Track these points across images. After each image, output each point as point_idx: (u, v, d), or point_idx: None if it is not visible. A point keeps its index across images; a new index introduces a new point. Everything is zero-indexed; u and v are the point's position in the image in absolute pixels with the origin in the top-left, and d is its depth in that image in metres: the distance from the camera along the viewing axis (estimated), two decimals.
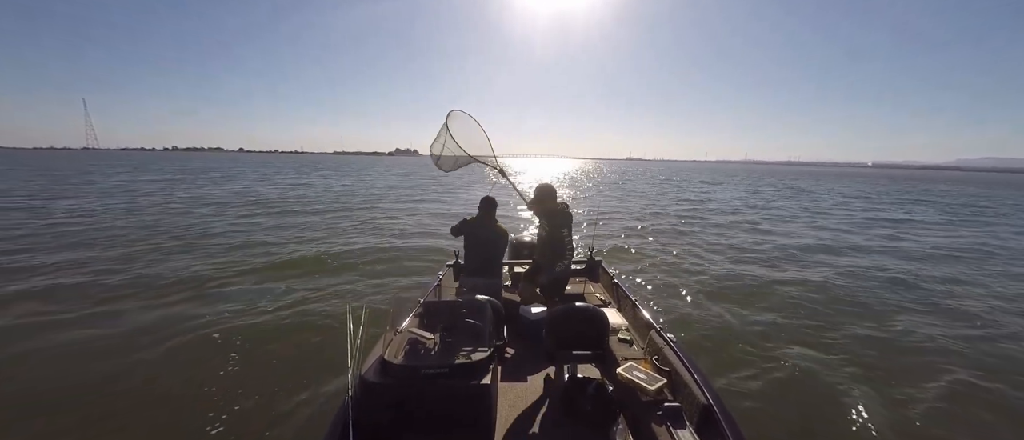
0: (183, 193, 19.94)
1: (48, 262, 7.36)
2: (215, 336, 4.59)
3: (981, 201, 27.67)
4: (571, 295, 3.98)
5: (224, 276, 6.80)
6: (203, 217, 12.88)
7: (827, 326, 5.36)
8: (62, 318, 5.01)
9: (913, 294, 6.80)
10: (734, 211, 18.14)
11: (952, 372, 4.28)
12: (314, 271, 7.26)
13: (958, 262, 9.31)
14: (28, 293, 5.87)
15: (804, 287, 7.00)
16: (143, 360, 4.13)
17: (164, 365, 4.07)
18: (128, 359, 4.13)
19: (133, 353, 4.24)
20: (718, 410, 2.05)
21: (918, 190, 38.31)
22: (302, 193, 21.69)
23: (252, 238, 9.85)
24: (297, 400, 3.52)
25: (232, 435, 3.12)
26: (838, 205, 21.83)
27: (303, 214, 14.33)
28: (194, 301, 5.68)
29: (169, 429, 3.21)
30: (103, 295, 5.82)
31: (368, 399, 2.02)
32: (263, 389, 3.65)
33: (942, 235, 13.19)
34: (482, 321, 2.41)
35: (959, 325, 5.55)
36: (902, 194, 31.66)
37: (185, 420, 3.28)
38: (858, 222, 15.45)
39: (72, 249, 8.37)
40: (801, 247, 10.47)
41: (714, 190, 31.40)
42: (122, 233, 10.04)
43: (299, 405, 3.46)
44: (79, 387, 3.66)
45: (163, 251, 8.38)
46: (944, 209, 21.27)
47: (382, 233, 11.13)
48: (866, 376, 4.16)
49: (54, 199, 16.10)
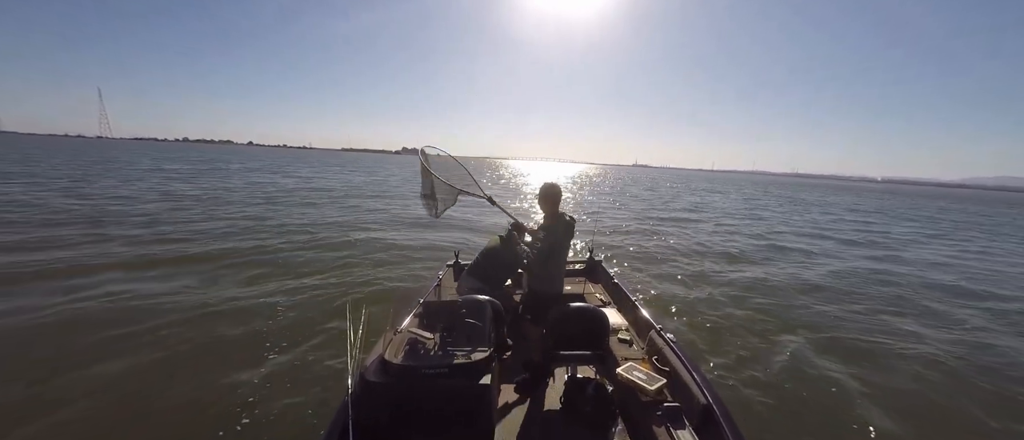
0: (253, 187, 20.06)
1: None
2: (215, 336, 4.59)
3: (976, 218, 27.48)
4: (571, 295, 3.98)
5: (223, 271, 6.80)
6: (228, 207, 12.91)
7: (826, 326, 5.37)
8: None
9: (908, 296, 6.82)
10: (738, 215, 18.16)
11: (953, 371, 4.29)
12: (317, 270, 7.26)
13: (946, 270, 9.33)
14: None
15: (801, 287, 7.01)
16: (140, 356, 4.13)
17: (163, 364, 4.07)
18: (126, 358, 4.13)
19: (129, 347, 4.24)
20: (718, 410, 2.06)
21: (907, 205, 38.05)
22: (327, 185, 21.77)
23: (249, 229, 9.85)
24: (297, 399, 3.51)
25: (232, 434, 3.12)
26: (830, 216, 21.82)
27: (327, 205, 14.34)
28: (193, 299, 5.67)
29: (169, 429, 3.21)
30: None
31: (368, 398, 2.02)
32: (263, 388, 3.64)
33: (930, 250, 13.23)
34: (482, 321, 2.42)
35: (957, 329, 5.55)
36: (889, 209, 31.31)
37: (185, 420, 3.28)
38: (849, 229, 15.53)
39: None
40: (803, 252, 10.49)
41: (714, 198, 31.41)
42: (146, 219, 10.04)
43: (299, 404, 3.45)
44: (66, 388, 3.65)
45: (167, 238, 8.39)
46: (933, 224, 21.17)
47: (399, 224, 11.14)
48: (866, 376, 4.16)
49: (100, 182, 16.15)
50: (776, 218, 18.53)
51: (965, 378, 4.24)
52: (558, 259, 2.93)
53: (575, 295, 4.02)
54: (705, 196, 31.49)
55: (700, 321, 5.43)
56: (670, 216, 17.22)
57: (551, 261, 2.88)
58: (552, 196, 2.91)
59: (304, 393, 3.60)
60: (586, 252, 4.82)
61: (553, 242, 2.83)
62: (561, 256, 2.95)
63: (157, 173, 25.06)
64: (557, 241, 2.84)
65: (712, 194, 34.09)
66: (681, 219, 16.16)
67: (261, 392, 3.59)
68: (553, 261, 2.89)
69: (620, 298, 3.87)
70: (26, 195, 13.43)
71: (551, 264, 2.89)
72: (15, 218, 9.83)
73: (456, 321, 2.43)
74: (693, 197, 29.06)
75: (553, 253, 2.86)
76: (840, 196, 48.38)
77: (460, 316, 2.46)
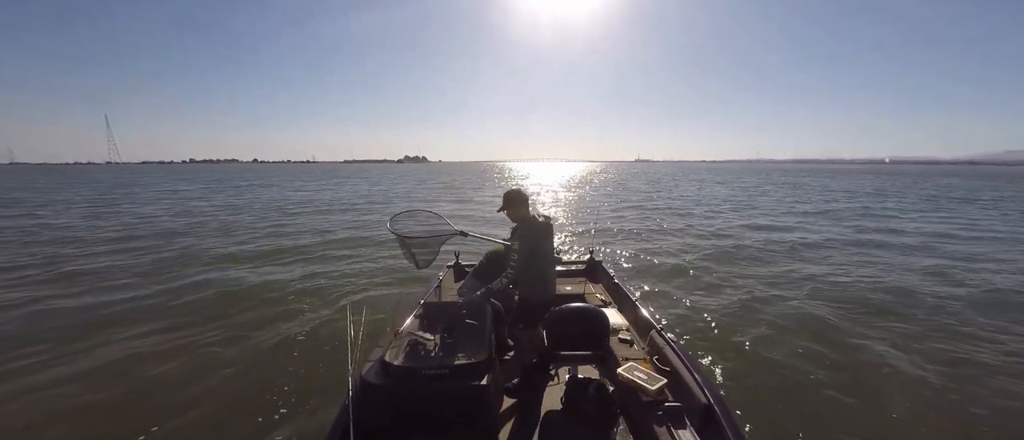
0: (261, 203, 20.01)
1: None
2: (214, 335, 4.59)
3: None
4: (571, 295, 3.98)
5: (229, 272, 6.81)
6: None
7: (825, 324, 5.36)
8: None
9: (907, 291, 6.81)
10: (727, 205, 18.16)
11: (956, 371, 4.28)
12: (319, 273, 7.27)
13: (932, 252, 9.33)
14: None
15: (799, 285, 7.00)
16: (140, 356, 4.13)
17: (161, 362, 4.07)
18: (122, 355, 4.13)
19: (131, 349, 4.24)
20: (719, 410, 2.05)
21: (919, 186, 38.30)
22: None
23: (261, 236, 9.87)
24: (297, 401, 3.51)
25: (232, 436, 3.12)
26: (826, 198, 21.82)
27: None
28: (192, 296, 5.68)
29: (167, 429, 3.21)
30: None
31: (369, 400, 2.03)
32: (263, 389, 3.64)
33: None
34: (482, 322, 2.41)
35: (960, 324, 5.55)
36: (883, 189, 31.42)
37: (184, 420, 3.28)
38: (845, 213, 15.51)
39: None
40: (805, 244, 10.48)
41: (716, 189, 31.44)
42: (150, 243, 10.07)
43: (299, 405, 3.45)
44: (70, 396, 3.65)
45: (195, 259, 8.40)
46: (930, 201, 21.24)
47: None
48: (866, 375, 4.16)
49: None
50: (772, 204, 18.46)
51: (965, 376, 4.24)
52: (541, 261, 2.76)
53: (575, 295, 4.02)
54: (705, 187, 31.41)
55: (691, 312, 5.43)
56: (664, 206, 17.25)
57: (533, 264, 2.71)
58: (516, 200, 2.74)
59: (305, 394, 3.60)
60: (586, 252, 4.82)
61: (529, 246, 2.67)
62: (544, 258, 2.79)
63: (198, 191, 25.10)
64: (534, 243, 2.68)
65: (713, 185, 34.10)
66: (674, 208, 16.18)
67: (262, 393, 3.59)
68: (535, 263, 2.72)
69: (620, 298, 3.86)
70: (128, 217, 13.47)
71: (535, 267, 2.73)
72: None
73: (456, 323, 2.43)
74: (691, 187, 29.10)
75: (533, 256, 2.69)
76: (841, 180, 48.21)
77: (460, 318, 2.46)
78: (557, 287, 3.68)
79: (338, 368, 3.90)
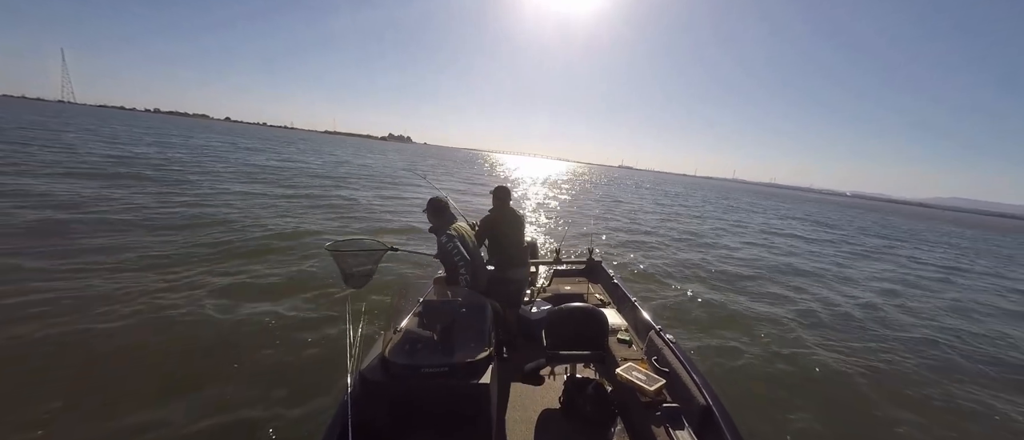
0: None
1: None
2: (214, 334, 4.58)
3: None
4: (571, 295, 3.97)
5: (219, 267, 6.78)
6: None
7: (824, 326, 5.37)
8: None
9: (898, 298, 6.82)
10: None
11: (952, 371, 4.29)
12: (317, 267, 7.24)
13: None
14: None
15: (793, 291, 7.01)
16: (137, 353, 4.12)
17: (161, 361, 4.06)
18: (121, 354, 4.12)
19: (125, 344, 4.23)
20: (717, 411, 2.05)
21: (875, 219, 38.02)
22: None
23: (239, 221, 9.83)
24: (297, 398, 3.51)
25: (231, 433, 3.12)
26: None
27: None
28: (192, 296, 5.66)
29: (167, 427, 3.20)
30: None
31: (368, 397, 2.02)
32: (262, 386, 3.64)
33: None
34: (482, 320, 2.41)
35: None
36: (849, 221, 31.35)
37: (183, 418, 3.27)
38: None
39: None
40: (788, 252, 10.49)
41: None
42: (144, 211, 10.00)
43: (299, 403, 3.45)
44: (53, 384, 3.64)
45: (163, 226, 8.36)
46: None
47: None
48: (865, 375, 4.16)
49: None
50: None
51: (965, 375, 4.25)
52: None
53: (575, 295, 4.01)
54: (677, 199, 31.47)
55: (680, 305, 5.43)
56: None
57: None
58: (439, 209, 3.10)
59: (303, 392, 3.60)
60: (586, 252, 4.81)
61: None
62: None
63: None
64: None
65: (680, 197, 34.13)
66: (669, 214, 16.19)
67: (260, 390, 3.59)
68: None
69: (620, 298, 3.86)
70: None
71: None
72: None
73: (456, 320, 2.43)
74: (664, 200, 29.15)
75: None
76: (809, 207, 48.40)
77: (460, 315, 2.46)
78: (556, 287, 3.71)
79: (337, 365, 3.90)
